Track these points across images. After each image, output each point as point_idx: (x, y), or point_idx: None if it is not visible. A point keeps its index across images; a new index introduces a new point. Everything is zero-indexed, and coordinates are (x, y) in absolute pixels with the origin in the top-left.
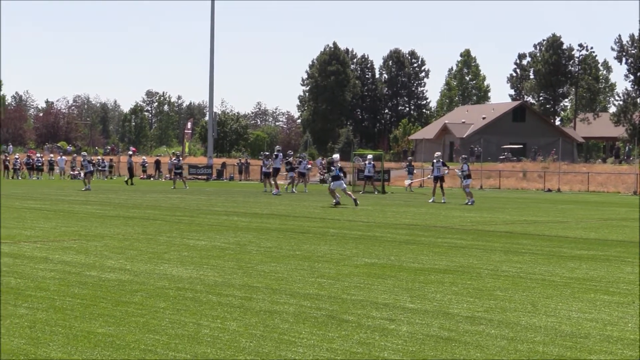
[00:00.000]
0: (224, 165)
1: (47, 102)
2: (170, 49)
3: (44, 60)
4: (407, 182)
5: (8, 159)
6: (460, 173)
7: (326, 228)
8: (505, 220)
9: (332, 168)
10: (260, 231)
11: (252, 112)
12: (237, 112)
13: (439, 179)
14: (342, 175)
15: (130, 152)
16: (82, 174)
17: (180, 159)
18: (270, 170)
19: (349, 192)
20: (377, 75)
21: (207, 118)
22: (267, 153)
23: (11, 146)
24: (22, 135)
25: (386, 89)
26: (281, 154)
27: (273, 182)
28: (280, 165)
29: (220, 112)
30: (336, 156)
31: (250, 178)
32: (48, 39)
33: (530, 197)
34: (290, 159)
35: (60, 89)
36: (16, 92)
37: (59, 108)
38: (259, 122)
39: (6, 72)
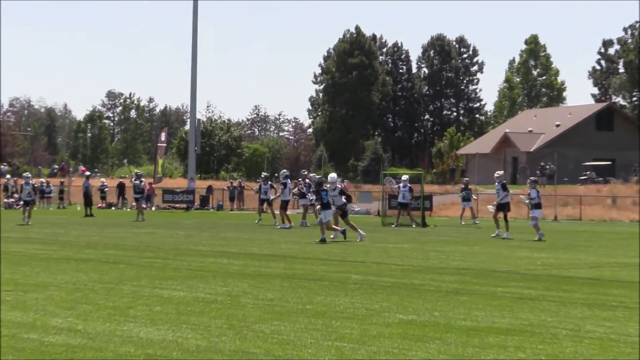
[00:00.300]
0: (209, 189)
1: None
2: (139, 35)
3: None
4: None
5: None
6: (527, 201)
7: (347, 273)
8: (588, 263)
9: (323, 191)
10: (258, 278)
11: (248, 119)
12: (228, 120)
13: (503, 206)
14: (337, 201)
15: (88, 173)
16: (20, 203)
17: (142, 180)
18: (269, 197)
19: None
20: (415, 70)
21: (187, 127)
22: (265, 175)
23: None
24: None
25: (426, 87)
26: (289, 182)
27: (282, 214)
28: (289, 196)
29: (205, 120)
30: (333, 175)
31: (246, 207)
32: None
33: (622, 231)
34: (306, 182)
35: None
36: None
37: None
38: (256, 132)
39: None
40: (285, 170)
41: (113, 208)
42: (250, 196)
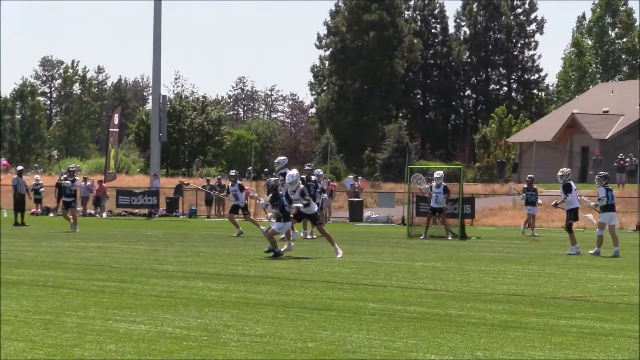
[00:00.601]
0: (179, 189)
1: None
2: None
3: None
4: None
5: None
6: (593, 204)
7: (361, 301)
8: None
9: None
10: (244, 307)
11: (230, 96)
12: (204, 97)
13: (569, 214)
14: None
15: (20, 168)
16: None
17: (76, 178)
18: (240, 202)
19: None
20: (452, 30)
21: (149, 107)
22: (234, 173)
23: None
24: None
25: (467, 53)
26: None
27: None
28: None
29: (172, 97)
30: (292, 173)
31: (227, 212)
32: None
33: None
34: (316, 179)
35: None
36: None
37: None
38: (241, 114)
39: None
40: (282, 158)
41: (51, 214)
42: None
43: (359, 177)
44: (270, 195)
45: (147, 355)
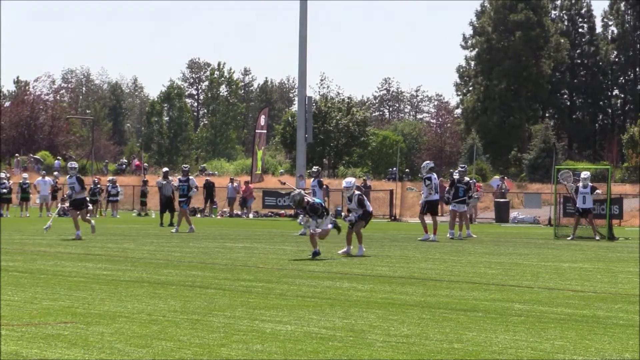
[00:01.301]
0: (325, 189)
1: (17, 82)
2: None
3: (10, 10)
4: None
5: None
6: None
7: (507, 302)
8: None
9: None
10: (389, 307)
11: (376, 97)
12: (349, 98)
13: None
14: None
15: (166, 170)
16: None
17: (190, 177)
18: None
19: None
20: (599, 29)
21: (295, 108)
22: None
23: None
24: None
25: (615, 52)
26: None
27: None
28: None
29: (318, 98)
30: (351, 180)
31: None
32: None
33: None
34: (469, 181)
35: (40, 60)
36: None
37: (37, 92)
38: (386, 114)
39: None
40: (428, 162)
41: (199, 215)
42: (380, 199)
43: (505, 178)
44: (305, 208)
45: (294, 355)
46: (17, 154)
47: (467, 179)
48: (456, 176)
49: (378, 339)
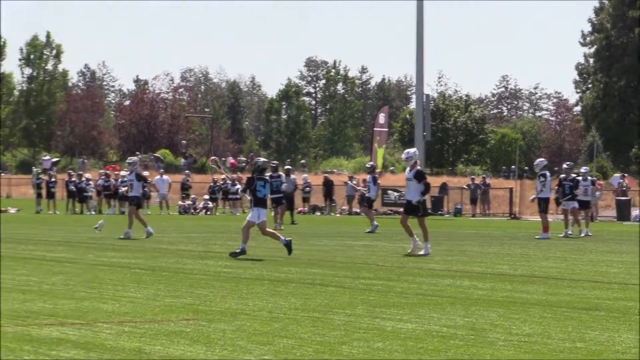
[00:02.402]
0: (444, 188)
1: (137, 81)
2: None
3: (130, 11)
4: None
5: (73, 179)
6: None
7: (631, 301)
8: None
9: (256, 179)
10: (510, 306)
11: (494, 95)
12: (466, 95)
13: None
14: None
15: (289, 167)
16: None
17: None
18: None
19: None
20: None
21: (413, 106)
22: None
23: (84, 160)
24: (97, 139)
25: None
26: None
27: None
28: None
29: (436, 96)
30: (411, 150)
31: (493, 211)
32: None
33: None
34: (576, 177)
35: (159, 59)
36: (86, 66)
37: (157, 91)
38: (505, 112)
39: (65, 32)
40: (542, 160)
41: (318, 213)
42: (499, 197)
43: (626, 176)
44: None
45: (415, 354)
46: (137, 152)
47: (573, 175)
48: (562, 175)
49: (499, 337)
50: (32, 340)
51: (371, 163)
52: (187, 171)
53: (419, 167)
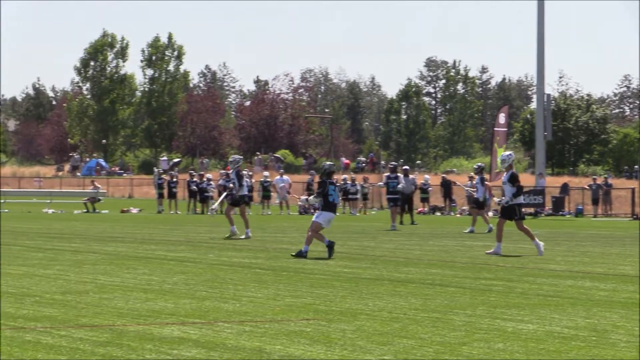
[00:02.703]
0: (565, 188)
1: (257, 81)
2: None
3: (249, 12)
4: None
5: (195, 179)
6: None
7: None
8: None
9: (328, 183)
10: (633, 307)
11: (616, 94)
12: (588, 95)
13: None
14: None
15: (406, 168)
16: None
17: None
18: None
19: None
20: None
21: (533, 106)
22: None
23: (205, 160)
24: (217, 140)
25: None
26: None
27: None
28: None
29: (557, 95)
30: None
31: (615, 212)
32: None
33: None
34: None
35: (279, 60)
36: (207, 67)
37: (277, 91)
38: (627, 112)
39: (187, 33)
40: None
41: (438, 213)
42: (621, 197)
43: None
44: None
45: (536, 355)
46: (257, 153)
47: None
48: None
49: (622, 339)
50: (153, 339)
51: (479, 164)
52: (312, 171)
53: (513, 171)
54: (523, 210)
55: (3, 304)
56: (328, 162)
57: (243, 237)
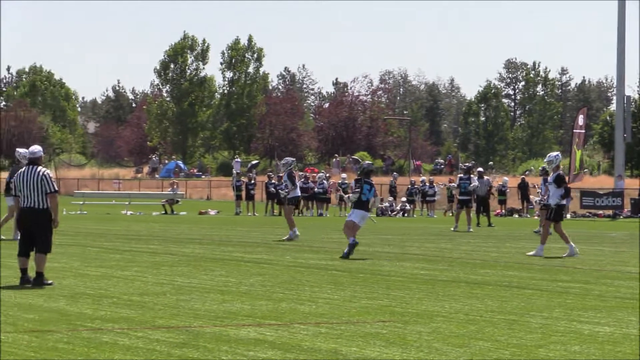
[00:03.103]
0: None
1: (335, 83)
2: None
3: (329, 14)
4: None
5: (273, 181)
6: None
7: None
8: None
9: (364, 182)
10: None
11: None
12: None
13: None
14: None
15: (480, 170)
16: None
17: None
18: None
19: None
20: None
21: (613, 107)
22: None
23: (277, 163)
24: (296, 142)
25: None
26: None
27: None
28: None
29: (637, 97)
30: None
31: None
32: None
33: None
34: None
35: (359, 62)
36: (286, 69)
37: (356, 93)
38: None
39: (267, 35)
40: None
41: (516, 215)
42: None
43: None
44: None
45: (612, 357)
46: (336, 154)
47: None
48: None
49: None
50: (229, 340)
51: (543, 166)
52: (395, 173)
53: (560, 172)
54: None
55: (81, 305)
56: (367, 162)
57: (285, 238)
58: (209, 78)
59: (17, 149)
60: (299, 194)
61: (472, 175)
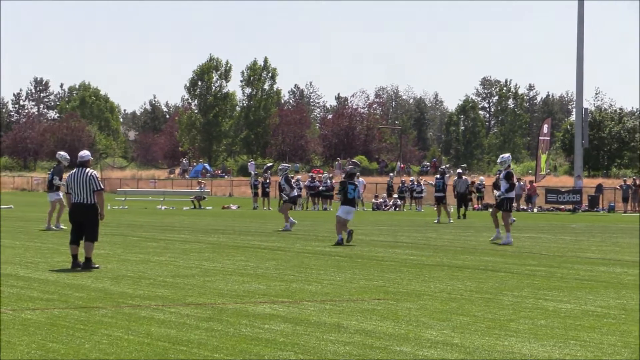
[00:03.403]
0: (599, 188)
1: (338, 98)
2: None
3: (332, 39)
4: None
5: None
6: None
7: None
8: None
9: (347, 183)
10: None
11: None
12: (620, 109)
13: None
14: (357, 195)
15: (460, 171)
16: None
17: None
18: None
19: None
20: None
21: (572, 118)
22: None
23: (296, 165)
24: (304, 147)
25: None
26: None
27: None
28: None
29: (593, 109)
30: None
31: None
32: None
33: None
34: None
35: (357, 79)
36: (296, 86)
37: (354, 106)
38: None
39: (279, 56)
40: None
41: (491, 209)
42: None
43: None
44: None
45: (573, 330)
46: (338, 158)
47: None
48: None
49: None
50: (248, 315)
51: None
52: (391, 174)
53: (510, 170)
54: (513, 205)
55: (123, 286)
56: (350, 166)
57: (281, 229)
58: (231, 93)
59: (59, 152)
60: (296, 194)
61: (446, 175)
